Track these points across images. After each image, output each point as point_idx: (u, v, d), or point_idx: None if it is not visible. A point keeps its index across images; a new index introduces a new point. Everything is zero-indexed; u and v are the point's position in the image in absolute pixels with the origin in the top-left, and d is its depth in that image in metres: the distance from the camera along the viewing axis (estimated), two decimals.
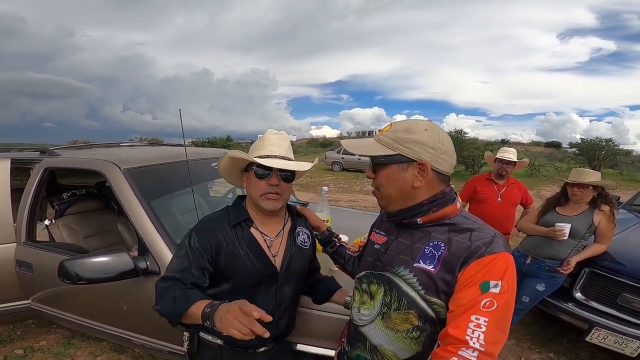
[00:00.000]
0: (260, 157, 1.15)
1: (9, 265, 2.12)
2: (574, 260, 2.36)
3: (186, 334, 1.30)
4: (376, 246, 1.04)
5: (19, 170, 2.53)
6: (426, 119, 1.00)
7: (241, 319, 0.78)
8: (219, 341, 1.23)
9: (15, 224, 2.16)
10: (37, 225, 2.27)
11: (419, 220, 0.91)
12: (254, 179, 1.15)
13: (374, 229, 1.13)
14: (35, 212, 2.19)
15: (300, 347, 1.50)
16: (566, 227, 2.30)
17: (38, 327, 2.81)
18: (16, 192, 2.25)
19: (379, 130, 0.94)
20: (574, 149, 21.06)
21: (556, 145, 44.90)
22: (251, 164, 1.17)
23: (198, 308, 0.91)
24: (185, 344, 1.30)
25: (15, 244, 2.14)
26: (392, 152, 0.88)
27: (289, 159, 1.19)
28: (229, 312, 0.81)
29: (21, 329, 2.78)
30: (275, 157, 1.15)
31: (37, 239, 2.25)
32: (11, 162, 2.27)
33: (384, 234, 1.05)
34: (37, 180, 2.18)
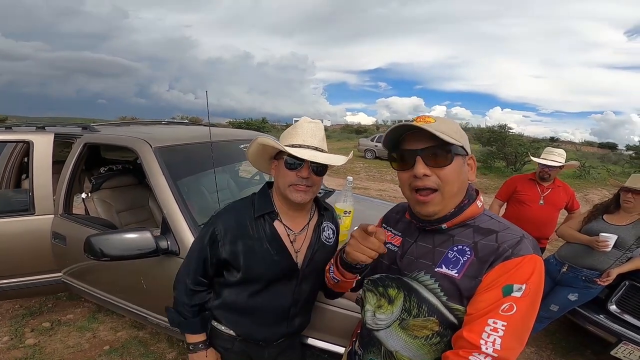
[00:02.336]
0: (292, 145, 1.09)
1: (46, 237, 2.22)
2: (614, 272, 2.19)
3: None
4: (391, 247, 0.98)
5: (64, 145, 2.67)
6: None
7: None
8: (231, 332, 1.24)
9: (54, 196, 2.27)
10: (75, 198, 2.38)
11: (444, 225, 0.86)
12: (283, 168, 1.10)
13: (385, 226, 1.07)
14: (73, 185, 2.29)
15: (311, 341, 1.49)
16: (611, 239, 2.12)
17: (68, 300, 2.97)
18: (58, 165, 2.35)
19: (414, 120, 0.84)
20: (630, 152, 19.32)
21: (611, 146, 41.50)
22: (282, 152, 1.11)
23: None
24: None
25: (53, 215, 2.24)
26: (459, 143, 0.81)
27: (322, 151, 1.13)
28: None
29: (52, 301, 2.95)
30: (308, 147, 1.09)
31: (74, 212, 2.36)
32: (55, 137, 2.38)
33: (399, 234, 0.99)
34: (77, 155, 2.28)
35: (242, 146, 2.61)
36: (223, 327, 1.25)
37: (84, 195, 2.61)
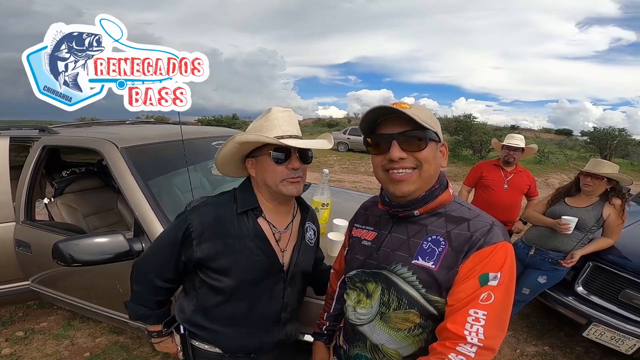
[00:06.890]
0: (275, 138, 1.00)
1: (8, 245, 2.11)
2: (578, 254, 2.31)
3: (178, 342, 1.20)
4: (365, 242, 0.99)
5: (21, 149, 2.51)
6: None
7: None
8: (217, 349, 1.14)
9: (14, 203, 2.14)
10: (37, 204, 2.26)
11: (416, 212, 0.87)
12: (270, 164, 1.00)
13: (355, 225, 1.07)
14: (34, 191, 2.17)
15: (308, 337, 1.47)
16: (572, 221, 2.24)
17: (40, 309, 2.85)
18: (16, 170, 2.23)
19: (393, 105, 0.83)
20: (585, 137, 20.61)
21: (567, 132, 44.11)
22: (262, 147, 1.01)
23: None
24: (180, 354, 1.21)
25: (14, 223, 2.12)
26: (433, 129, 0.83)
27: (302, 139, 1.05)
28: None
29: (23, 310, 2.82)
30: (290, 137, 1.00)
31: (37, 218, 2.24)
32: (10, 141, 2.24)
33: (372, 229, 1.00)
34: (35, 158, 2.16)
35: (214, 143, 2.56)
36: (207, 346, 1.14)
37: (46, 200, 2.47)
